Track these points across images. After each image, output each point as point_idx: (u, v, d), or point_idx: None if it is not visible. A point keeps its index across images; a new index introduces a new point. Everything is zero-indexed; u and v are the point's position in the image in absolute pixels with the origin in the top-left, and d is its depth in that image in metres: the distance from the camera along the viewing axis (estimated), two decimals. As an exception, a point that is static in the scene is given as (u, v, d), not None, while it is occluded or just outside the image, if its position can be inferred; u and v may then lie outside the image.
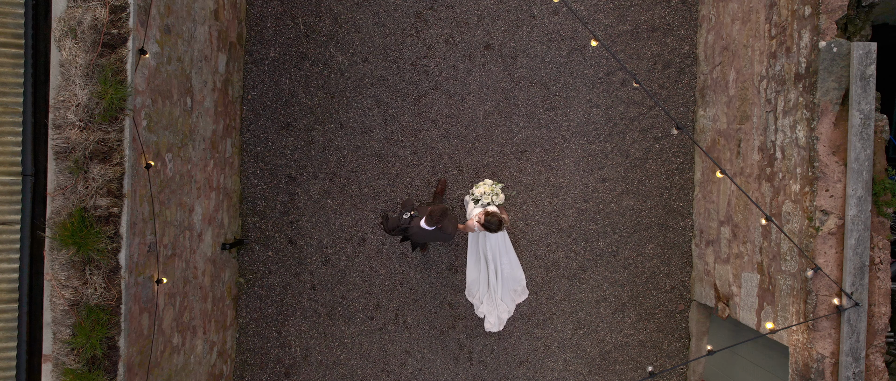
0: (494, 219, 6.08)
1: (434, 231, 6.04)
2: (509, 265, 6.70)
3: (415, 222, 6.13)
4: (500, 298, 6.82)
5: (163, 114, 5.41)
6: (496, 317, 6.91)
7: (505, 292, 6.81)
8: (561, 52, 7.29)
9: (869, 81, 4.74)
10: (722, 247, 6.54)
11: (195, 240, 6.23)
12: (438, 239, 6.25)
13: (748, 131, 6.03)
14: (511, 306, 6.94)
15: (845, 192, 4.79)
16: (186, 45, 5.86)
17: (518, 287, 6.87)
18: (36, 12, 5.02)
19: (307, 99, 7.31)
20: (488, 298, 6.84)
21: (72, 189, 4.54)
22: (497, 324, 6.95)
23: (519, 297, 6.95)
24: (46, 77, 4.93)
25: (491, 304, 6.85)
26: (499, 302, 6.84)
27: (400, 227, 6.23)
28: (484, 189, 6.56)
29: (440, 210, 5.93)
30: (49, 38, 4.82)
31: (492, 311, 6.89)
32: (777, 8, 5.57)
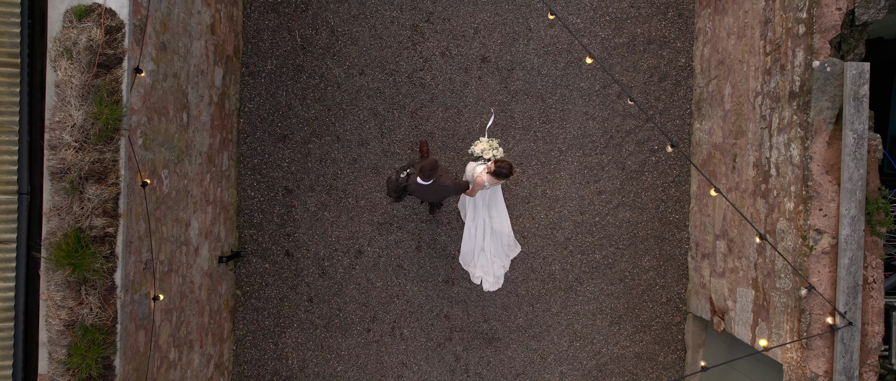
0: (505, 164, 6.01)
1: (432, 186, 6.08)
2: (498, 217, 6.63)
3: (412, 178, 6.15)
4: (493, 255, 6.79)
5: (159, 131, 5.42)
6: (493, 275, 6.88)
7: (496, 248, 6.78)
8: (557, 64, 7.30)
9: (862, 101, 4.75)
10: (717, 261, 6.56)
11: (192, 254, 6.24)
12: (440, 194, 6.27)
13: (743, 147, 6.05)
14: (505, 261, 6.89)
15: (839, 211, 4.81)
16: (182, 61, 5.87)
17: (509, 241, 6.81)
18: (32, 31, 5.03)
19: (304, 111, 7.33)
20: (482, 259, 6.81)
21: (67, 210, 4.55)
22: (494, 282, 6.93)
23: (511, 252, 6.90)
24: (42, 95, 4.94)
25: (486, 264, 6.82)
26: (493, 259, 6.81)
27: (399, 186, 6.24)
28: (483, 146, 6.50)
29: (430, 163, 5.95)
30: (45, 56, 4.83)
31: (488, 271, 6.86)
32: (772, 25, 5.58)
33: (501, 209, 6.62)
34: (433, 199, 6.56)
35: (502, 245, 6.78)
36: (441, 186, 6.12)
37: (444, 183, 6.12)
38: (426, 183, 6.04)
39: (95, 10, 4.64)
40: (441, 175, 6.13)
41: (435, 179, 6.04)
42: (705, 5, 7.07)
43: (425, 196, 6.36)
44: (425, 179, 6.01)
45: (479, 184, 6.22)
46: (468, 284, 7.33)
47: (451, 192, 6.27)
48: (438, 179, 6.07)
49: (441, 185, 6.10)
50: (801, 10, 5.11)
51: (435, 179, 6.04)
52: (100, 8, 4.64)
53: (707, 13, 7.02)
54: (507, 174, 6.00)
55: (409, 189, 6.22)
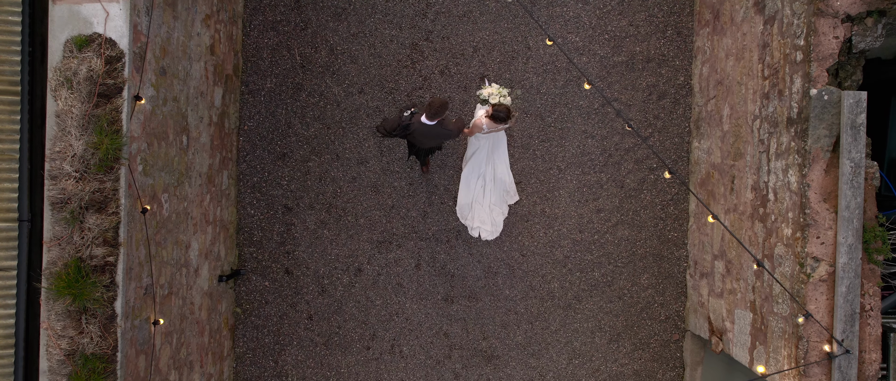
0: (502, 108, 6.09)
1: (436, 127, 6.05)
2: (500, 163, 6.73)
3: (415, 118, 6.10)
4: (493, 203, 6.83)
5: (159, 156, 5.44)
6: (491, 223, 6.94)
7: (497, 196, 6.81)
8: (556, 83, 7.32)
9: (859, 130, 4.77)
10: (716, 281, 6.58)
11: (192, 276, 6.26)
12: (441, 137, 6.25)
13: (742, 169, 6.07)
14: (504, 208, 6.97)
15: (836, 239, 4.83)
16: (182, 83, 5.89)
17: (509, 188, 6.89)
18: (32, 58, 5.06)
19: (303, 130, 7.34)
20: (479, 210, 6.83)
21: (68, 239, 4.57)
22: (493, 231, 7.00)
23: (510, 199, 7.00)
24: (42, 121, 4.96)
25: (483, 214, 6.84)
26: (491, 207, 6.86)
27: (400, 125, 6.16)
28: (491, 90, 6.51)
29: (440, 102, 5.92)
30: (45, 83, 4.85)
31: (485, 219, 6.90)
32: (770, 50, 5.60)
33: (504, 157, 6.75)
34: (430, 144, 6.44)
35: (501, 192, 6.86)
36: (443, 129, 6.10)
37: (447, 127, 6.12)
38: (430, 124, 5.99)
39: (96, 40, 4.66)
40: (445, 119, 6.13)
41: (439, 121, 6.01)
42: (704, 24, 7.09)
43: (423, 140, 6.27)
44: (431, 118, 5.96)
45: (477, 126, 6.28)
46: (467, 302, 7.36)
47: (451, 135, 6.22)
48: (442, 121, 6.06)
49: (443, 127, 6.09)
50: (798, 37, 5.13)
51: (438, 121, 6.02)
52: (100, 38, 4.66)
53: (705, 32, 7.04)
54: (504, 119, 6.10)
55: (410, 129, 6.13)
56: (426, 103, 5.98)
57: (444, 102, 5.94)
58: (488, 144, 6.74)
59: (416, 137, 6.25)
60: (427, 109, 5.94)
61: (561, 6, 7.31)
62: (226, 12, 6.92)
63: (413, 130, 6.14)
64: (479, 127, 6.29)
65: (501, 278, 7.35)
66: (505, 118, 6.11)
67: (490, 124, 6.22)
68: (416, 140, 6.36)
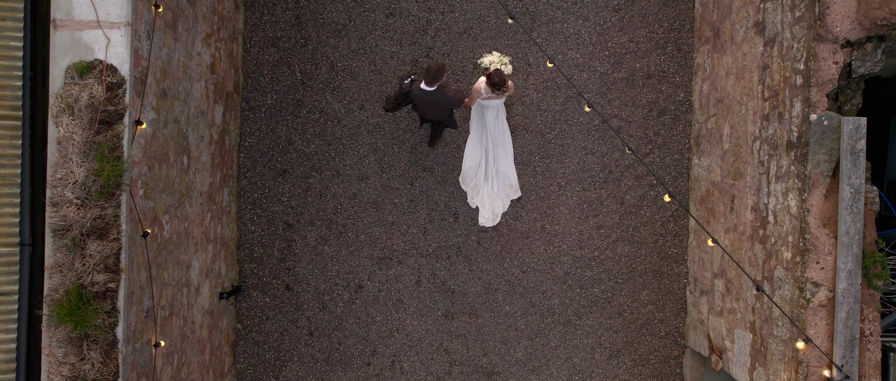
0: (498, 74, 6.15)
1: (436, 94, 6.09)
2: (505, 157, 6.79)
3: (415, 84, 6.16)
4: (495, 193, 6.87)
5: (160, 178, 5.45)
6: (491, 212, 6.99)
7: (500, 187, 6.86)
8: (556, 100, 7.33)
9: (859, 156, 4.78)
10: (715, 299, 6.59)
11: (193, 295, 6.27)
12: (443, 105, 6.27)
13: (742, 189, 6.08)
14: (505, 201, 7.02)
15: (836, 265, 4.84)
16: (183, 104, 5.89)
17: (513, 183, 6.93)
18: (34, 82, 5.06)
19: (304, 146, 7.35)
20: (484, 192, 6.85)
21: (69, 266, 4.58)
22: (491, 219, 7.05)
23: (513, 194, 7.05)
24: (44, 144, 4.97)
25: (486, 199, 6.88)
26: (495, 197, 6.92)
27: (401, 92, 6.22)
28: (491, 58, 6.56)
29: (436, 65, 5.97)
30: (47, 106, 4.85)
31: (487, 205, 6.95)
32: (770, 71, 5.61)
33: (509, 151, 6.80)
34: (433, 113, 6.47)
35: (505, 186, 6.91)
36: (443, 97, 6.14)
37: (447, 94, 6.17)
38: (430, 89, 6.02)
39: (97, 67, 4.67)
40: (445, 85, 6.16)
41: (438, 86, 6.04)
42: (704, 41, 7.10)
43: (426, 108, 6.30)
44: (430, 84, 5.99)
45: (476, 91, 6.35)
46: (468, 318, 7.37)
47: (451, 103, 6.26)
48: (442, 88, 6.09)
49: (443, 95, 6.12)
50: (798, 61, 5.14)
51: (438, 87, 6.05)
52: (101, 65, 4.67)
53: (706, 49, 7.05)
54: (498, 83, 6.15)
55: (411, 96, 6.16)
56: (424, 69, 6.01)
57: (440, 65, 6.00)
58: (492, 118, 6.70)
59: (418, 106, 6.28)
60: (425, 75, 5.99)
61: (561, 23, 7.32)
62: (226, 30, 6.93)
63: (414, 98, 6.19)
64: (477, 92, 6.37)
65: (502, 295, 7.36)
66: (499, 84, 6.16)
67: (487, 89, 6.27)
68: (421, 110, 6.40)
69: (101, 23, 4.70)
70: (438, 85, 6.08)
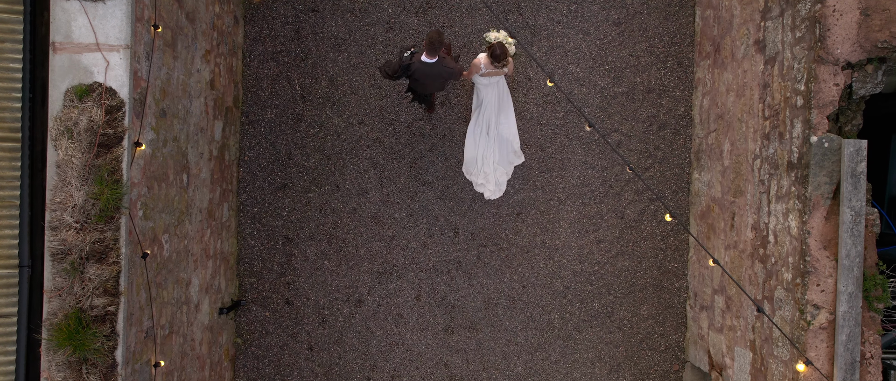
0: (501, 47, 6.14)
1: (437, 66, 6.07)
2: (506, 124, 6.73)
3: (416, 57, 6.12)
4: (497, 162, 6.83)
5: (159, 198, 5.44)
6: (494, 183, 6.94)
7: (502, 155, 6.81)
8: (556, 114, 7.32)
9: (859, 178, 4.77)
10: (715, 315, 6.58)
11: (192, 312, 6.27)
12: (443, 77, 6.25)
13: (742, 207, 6.07)
14: (509, 169, 6.97)
15: (836, 287, 4.83)
16: (182, 122, 5.89)
17: (515, 149, 6.88)
18: (33, 103, 5.05)
19: (304, 160, 7.35)
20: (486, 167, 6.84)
21: (68, 290, 4.58)
22: (496, 190, 7.00)
23: (516, 160, 6.99)
24: (43, 164, 4.96)
25: (488, 172, 6.86)
26: (496, 167, 6.86)
27: (401, 65, 6.17)
28: (497, 34, 6.55)
29: (436, 32, 5.93)
30: (46, 127, 4.83)
31: (489, 178, 6.90)
32: (770, 90, 5.60)
33: (510, 117, 6.75)
34: (433, 85, 6.43)
35: (508, 152, 6.84)
36: (444, 67, 6.12)
37: (447, 64, 6.16)
38: (431, 61, 6.01)
39: (96, 90, 4.66)
40: (445, 55, 6.12)
41: (439, 57, 6.02)
42: (705, 56, 7.09)
43: (426, 80, 6.27)
44: (432, 54, 5.98)
45: (475, 66, 6.33)
46: (467, 332, 7.36)
47: (451, 75, 6.24)
48: (442, 58, 6.09)
49: (444, 65, 6.11)
50: (799, 82, 5.13)
51: (439, 58, 6.03)
52: (100, 88, 4.66)
53: (706, 64, 7.04)
54: (500, 55, 6.14)
55: (411, 68, 6.13)
56: (424, 40, 6.00)
57: (438, 31, 5.99)
58: (494, 98, 6.66)
59: (418, 79, 6.24)
60: (426, 46, 5.96)
61: (561, 37, 7.31)
62: (226, 45, 6.92)
63: (414, 70, 6.14)
64: (477, 67, 6.35)
65: (502, 309, 7.36)
66: (501, 56, 6.15)
67: (487, 64, 6.25)
68: (419, 84, 6.36)
69: (101, 46, 4.69)
70: (439, 56, 6.06)
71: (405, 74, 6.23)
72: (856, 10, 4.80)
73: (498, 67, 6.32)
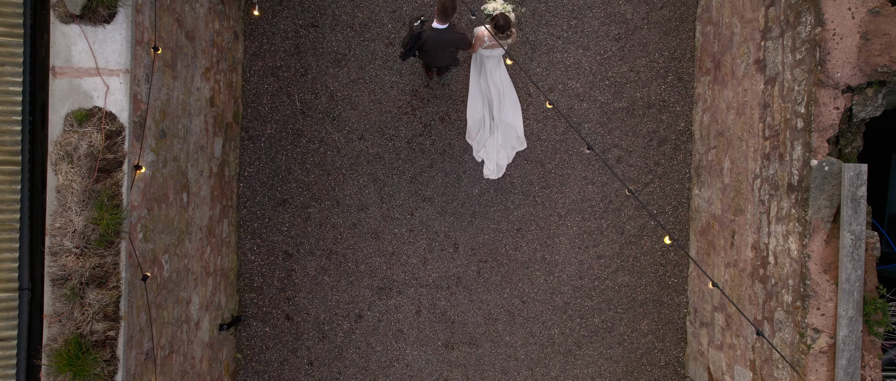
0: (504, 17, 6.12)
1: (448, 32, 6.10)
2: (512, 110, 6.70)
3: (426, 25, 6.15)
4: (499, 145, 6.80)
5: (159, 219, 5.43)
6: (495, 164, 6.91)
7: (505, 139, 6.79)
8: (556, 130, 7.31)
9: (860, 202, 4.77)
10: (715, 333, 6.58)
11: (192, 330, 6.27)
12: (454, 44, 6.27)
13: (742, 225, 6.06)
14: (510, 153, 6.93)
15: (837, 311, 4.83)
16: (182, 142, 5.88)
17: (519, 134, 6.85)
18: (33, 124, 5.05)
19: (304, 176, 7.34)
20: (489, 143, 6.82)
21: (68, 315, 4.57)
22: (496, 171, 6.97)
23: (519, 145, 6.95)
24: (43, 186, 4.95)
25: (490, 151, 6.84)
26: (499, 149, 6.83)
27: (413, 35, 6.20)
28: (495, 4, 6.53)
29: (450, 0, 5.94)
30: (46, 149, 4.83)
31: (491, 157, 6.88)
32: (770, 110, 5.59)
33: (514, 101, 6.72)
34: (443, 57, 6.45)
35: (510, 138, 6.81)
36: (455, 34, 6.16)
37: (458, 31, 6.20)
38: (442, 27, 6.03)
39: (96, 115, 4.65)
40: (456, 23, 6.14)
41: (449, 24, 6.05)
42: (705, 72, 7.08)
43: (436, 49, 6.29)
44: (443, 21, 6.00)
45: (478, 39, 6.31)
46: (468, 348, 7.36)
47: (460, 43, 6.26)
48: (452, 26, 6.11)
49: (456, 32, 6.15)
50: (799, 104, 5.13)
51: (449, 25, 6.06)
52: (100, 112, 4.65)
53: (707, 80, 7.03)
54: (504, 26, 6.10)
55: (422, 37, 6.15)
56: (437, 6, 6.01)
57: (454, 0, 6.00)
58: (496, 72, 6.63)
59: (429, 49, 6.27)
60: (438, 11, 5.98)
61: (562, 52, 7.31)
62: (225, 61, 6.91)
63: (426, 39, 6.16)
64: (480, 39, 6.33)
65: (502, 325, 7.35)
66: (504, 27, 6.11)
67: (490, 36, 6.22)
68: (430, 56, 6.40)
69: (101, 70, 4.69)
70: (449, 23, 6.09)
71: (417, 45, 6.26)
72: (856, 35, 4.80)
73: (502, 39, 6.29)
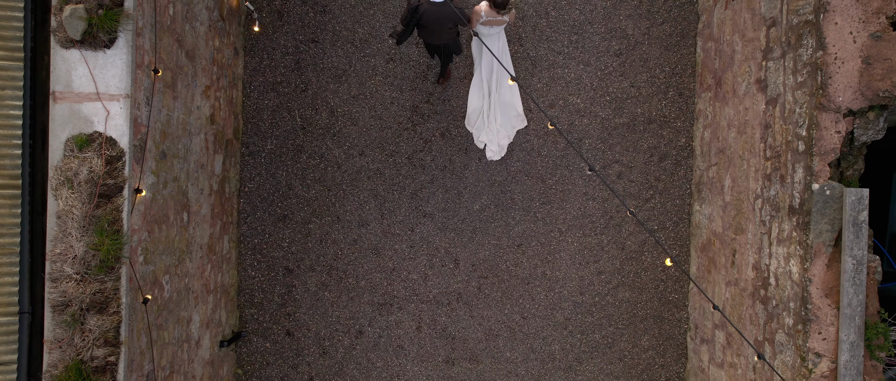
0: None
1: (445, 6, 6.01)
2: (509, 90, 6.67)
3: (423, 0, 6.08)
4: (499, 125, 6.79)
5: (160, 241, 5.43)
6: (497, 145, 6.91)
7: (504, 119, 6.77)
8: (557, 146, 7.31)
9: (861, 227, 4.76)
10: (716, 350, 6.57)
11: (193, 349, 6.26)
12: (452, 20, 6.20)
13: (743, 245, 6.06)
14: (511, 132, 6.92)
15: (838, 336, 4.82)
16: (182, 162, 5.87)
17: (519, 112, 6.83)
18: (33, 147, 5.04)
19: (304, 192, 7.33)
20: (488, 126, 6.81)
21: (68, 341, 4.57)
22: (498, 152, 6.96)
23: (519, 123, 6.93)
24: (43, 208, 4.94)
25: (491, 132, 6.82)
26: (498, 129, 6.82)
27: (410, 10, 6.12)
28: None
29: None
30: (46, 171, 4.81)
31: (492, 139, 6.86)
32: (772, 131, 5.59)
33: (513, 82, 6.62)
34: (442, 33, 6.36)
35: (510, 117, 6.79)
36: (452, 9, 6.05)
37: (456, 6, 6.11)
38: (439, 1, 5.96)
39: (96, 140, 4.65)
40: None
41: None
42: (706, 88, 7.07)
43: (436, 27, 6.22)
44: None
45: (476, 14, 6.27)
46: (468, 364, 7.36)
47: (459, 18, 6.18)
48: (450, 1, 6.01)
49: (453, 6, 6.05)
50: (800, 127, 5.12)
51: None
52: (100, 138, 4.65)
53: (707, 96, 7.02)
54: (502, 4, 6.04)
55: (420, 12, 6.08)
56: None
57: None
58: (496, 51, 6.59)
59: (428, 23, 6.19)
60: None
61: (562, 68, 7.30)
62: (226, 78, 6.90)
63: (423, 13, 6.09)
64: (477, 15, 6.27)
65: (502, 341, 7.35)
66: (503, 3, 6.05)
67: (488, 10, 6.18)
68: (428, 32, 6.31)
69: (101, 95, 4.68)
70: None
71: (415, 19, 6.17)
72: (857, 59, 4.79)
73: (501, 15, 6.24)
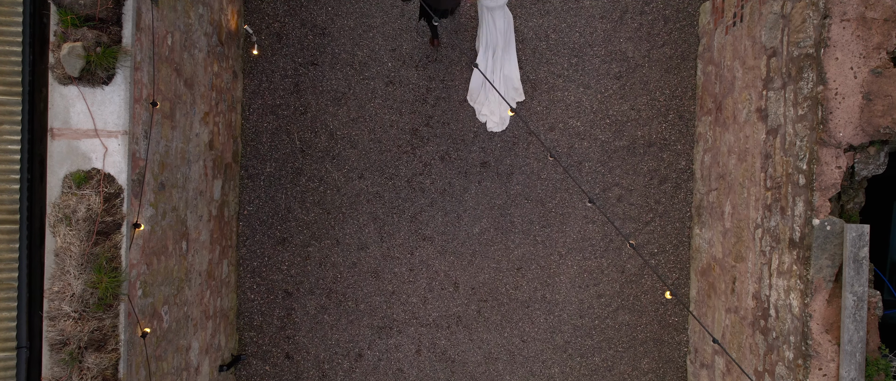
0: None
1: None
2: (510, 62, 6.75)
3: None
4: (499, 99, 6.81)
5: (159, 272, 5.41)
6: (499, 116, 6.93)
7: (505, 91, 6.80)
8: (557, 169, 7.29)
9: (862, 264, 4.74)
10: (716, 376, 6.56)
11: (192, 376, 6.25)
12: None
13: (743, 273, 6.04)
14: (512, 104, 6.95)
15: (839, 372, 4.80)
16: (181, 191, 5.86)
17: (517, 85, 6.89)
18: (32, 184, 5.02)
19: (303, 215, 7.32)
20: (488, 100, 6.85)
21: (67, 380, 4.55)
22: (500, 124, 6.98)
23: (518, 96, 7.00)
24: (42, 241, 4.93)
25: (494, 103, 6.85)
26: (500, 102, 6.84)
27: None
28: None
29: None
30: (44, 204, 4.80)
31: (494, 111, 6.89)
32: (772, 161, 5.57)
33: (513, 56, 6.77)
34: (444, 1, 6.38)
35: (509, 89, 6.84)
36: None
37: None
38: None
39: (94, 177, 4.63)
40: None
41: None
42: (706, 112, 7.06)
43: None
44: None
45: None
46: (468, 387, 7.35)
47: None
48: None
49: None
50: (801, 160, 5.10)
51: None
52: (99, 174, 4.63)
53: (708, 120, 7.01)
54: None
55: None
56: None
57: None
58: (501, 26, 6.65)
59: None
60: None
61: (562, 91, 7.28)
62: (224, 102, 6.88)
63: None
64: None
65: (502, 364, 7.34)
66: None
67: None
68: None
69: (99, 132, 4.66)
70: None
71: None
72: (858, 94, 4.78)
73: None
